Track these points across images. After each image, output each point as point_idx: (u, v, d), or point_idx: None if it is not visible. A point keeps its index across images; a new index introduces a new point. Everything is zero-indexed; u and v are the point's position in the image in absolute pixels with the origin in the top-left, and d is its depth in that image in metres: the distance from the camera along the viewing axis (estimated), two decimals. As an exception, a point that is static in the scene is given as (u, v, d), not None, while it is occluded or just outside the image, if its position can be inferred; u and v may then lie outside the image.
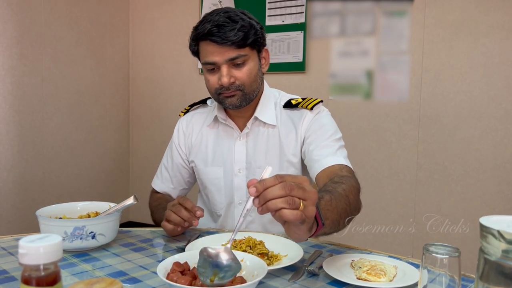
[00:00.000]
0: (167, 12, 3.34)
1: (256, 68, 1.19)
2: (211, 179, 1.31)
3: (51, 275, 0.49)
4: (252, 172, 1.26)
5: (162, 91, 3.40)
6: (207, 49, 1.14)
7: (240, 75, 1.15)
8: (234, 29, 1.11)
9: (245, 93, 1.18)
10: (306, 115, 1.25)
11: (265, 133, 1.27)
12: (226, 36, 1.10)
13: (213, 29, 1.11)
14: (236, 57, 1.13)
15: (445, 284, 0.63)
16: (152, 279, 0.87)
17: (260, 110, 1.25)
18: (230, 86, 1.15)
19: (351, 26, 2.63)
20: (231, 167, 1.28)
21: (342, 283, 0.85)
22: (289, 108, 1.28)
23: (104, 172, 3.34)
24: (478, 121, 2.40)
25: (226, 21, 1.11)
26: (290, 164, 1.26)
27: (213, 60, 1.14)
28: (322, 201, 0.83)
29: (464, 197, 2.45)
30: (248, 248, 0.97)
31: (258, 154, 1.26)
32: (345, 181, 0.99)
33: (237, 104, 1.18)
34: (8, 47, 2.62)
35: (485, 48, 2.36)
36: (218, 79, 1.16)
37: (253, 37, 1.15)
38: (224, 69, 1.14)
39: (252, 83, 1.18)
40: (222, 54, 1.12)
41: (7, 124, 2.65)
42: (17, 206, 2.73)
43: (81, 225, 0.98)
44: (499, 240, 0.52)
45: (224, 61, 1.13)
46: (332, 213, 0.84)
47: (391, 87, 2.59)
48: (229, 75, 1.14)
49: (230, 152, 1.28)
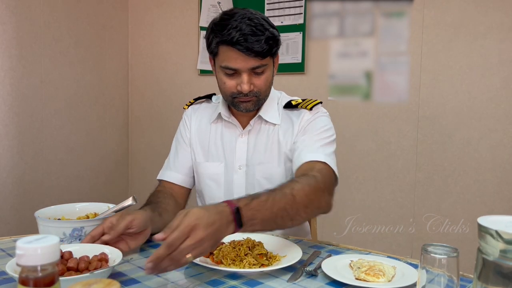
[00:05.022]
0: (166, 13, 3.34)
1: (272, 74, 1.23)
2: (210, 174, 1.32)
3: (48, 276, 0.49)
4: (252, 169, 1.28)
5: (161, 92, 3.40)
6: (230, 55, 1.15)
7: (258, 82, 1.19)
8: (260, 41, 1.13)
9: (259, 99, 1.22)
10: (305, 114, 1.28)
11: (267, 131, 1.30)
12: (252, 46, 1.12)
13: (240, 38, 1.12)
14: (258, 66, 1.16)
15: (443, 284, 0.63)
16: (151, 280, 0.87)
17: (265, 110, 1.29)
18: (249, 93, 1.18)
19: (350, 27, 2.64)
20: (232, 164, 1.30)
21: (340, 284, 0.85)
22: (289, 109, 1.31)
23: (103, 173, 3.34)
24: (477, 122, 2.40)
25: (252, 31, 1.13)
26: (287, 159, 1.28)
27: (235, 66, 1.16)
28: (254, 201, 0.89)
29: (463, 197, 2.45)
30: (247, 249, 0.97)
31: (258, 151, 1.29)
32: (302, 180, 1.01)
33: (252, 109, 1.23)
34: (7, 49, 2.62)
35: (484, 49, 2.36)
36: (236, 84, 1.18)
37: (275, 48, 1.19)
38: (246, 77, 1.16)
39: (267, 90, 1.24)
40: (245, 63, 1.15)
41: (6, 126, 2.65)
42: (16, 207, 2.73)
43: (80, 226, 0.98)
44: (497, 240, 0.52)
45: (246, 69, 1.16)
46: (263, 213, 0.89)
47: (390, 87, 2.59)
48: (249, 82, 1.17)
49: (231, 148, 1.30)
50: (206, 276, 0.90)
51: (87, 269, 0.83)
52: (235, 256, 0.95)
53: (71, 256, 0.86)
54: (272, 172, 1.27)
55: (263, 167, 1.28)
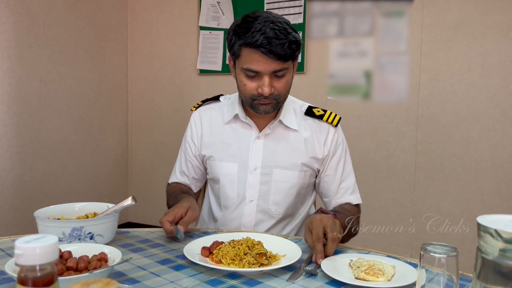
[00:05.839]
0: (165, 13, 3.34)
1: (291, 78, 1.24)
2: (224, 173, 1.33)
3: (47, 276, 0.49)
4: (267, 171, 1.29)
5: (161, 92, 3.39)
6: (253, 57, 1.16)
7: (279, 85, 1.20)
8: (283, 44, 1.14)
9: (278, 102, 1.23)
10: (330, 130, 1.33)
11: (287, 136, 1.31)
12: (275, 50, 1.13)
13: (264, 41, 1.13)
14: (280, 69, 1.17)
15: (443, 283, 0.63)
16: (151, 279, 0.87)
17: (284, 114, 1.30)
18: (269, 96, 1.19)
19: (350, 26, 2.64)
20: (247, 164, 1.30)
21: (340, 283, 0.85)
22: (311, 117, 1.33)
23: (102, 173, 3.34)
24: (476, 121, 2.40)
25: (276, 34, 1.14)
26: (309, 168, 1.31)
27: (257, 69, 1.17)
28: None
29: (462, 197, 2.45)
30: (246, 248, 0.97)
31: (280, 155, 1.30)
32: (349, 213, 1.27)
33: (271, 111, 1.24)
34: (6, 49, 2.62)
35: (483, 48, 2.36)
36: (257, 87, 1.19)
37: (297, 52, 1.20)
38: (267, 80, 1.17)
39: (287, 93, 1.25)
40: (268, 65, 1.16)
41: (5, 126, 2.65)
42: (16, 207, 2.73)
43: (79, 226, 0.98)
44: (496, 239, 0.52)
45: (268, 72, 1.17)
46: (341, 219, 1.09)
47: (389, 87, 2.59)
48: (270, 85, 1.18)
49: (247, 149, 1.31)
50: (205, 275, 0.90)
51: (86, 268, 0.83)
52: (235, 255, 0.95)
53: (70, 256, 0.86)
54: (290, 176, 1.30)
55: (282, 170, 1.29)
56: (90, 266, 0.83)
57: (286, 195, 1.30)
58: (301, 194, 1.34)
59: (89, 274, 0.79)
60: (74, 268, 0.83)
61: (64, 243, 0.96)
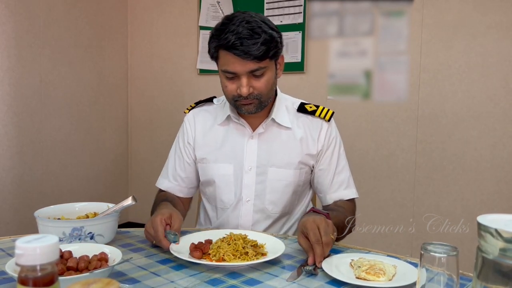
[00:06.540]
0: (165, 13, 3.34)
1: (273, 76, 1.23)
2: (220, 174, 1.32)
3: (48, 276, 0.49)
4: (262, 170, 1.28)
5: (161, 92, 3.39)
6: (228, 59, 1.16)
7: (258, 85, 1.19)
8: (256, 43, 1.12)
9: (261, 101, 1.22)
10: (323, 125, 1.32)
11: (281, 134, 1.30)
12: (248, 50, 1.12)
13: (236, 42, 1.12)
14: (257, 69, 1.16)
15: (443, 283, 0.63)
16: (151, 279, 0.87)
17: (276, 113, 1.29)
18: (249, 96, 1.18)
19: (350, 26, 2.64)
20: (242, 165, 1.30)
21: (341, 283, 0.85)
22: (304, 113, 1.33)
23: (103, 173, 3.34)
24: (476, 121, 2.40)
25: (249, 34, 1.12)
26: (304, 165, 1.31)
27: (233, 70, 1.16)
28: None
29: (462, 196, 2.45)
30: (242, 242, 0.99)
31: (275, 154, 1.29)
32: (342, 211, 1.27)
33: (253, 111, 1.23)
34: (6, 48, 2.62)
35: (483, 48, 2.36)
36: (237, 88, 1.19)
37: (274, 50, 1.17)
38: (244, 80, 1.16)
39: (269, 92, 1.23)
40: (243, 66, 1.15)
41: (5, 125, 2.65)
42: (16, 207, 2.73)
43: (80, 226, 0.98)
44: (496, 238, 0.52)
45: (245, 73, 1.16)
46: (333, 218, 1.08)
47: (389, 87, 2.59)
48: (249, 85, 1.17)
49: (241, 150, 1.30)
50: (205, 275, 0.90)
51: (86, 268, 0.83)
52: (235, 251, 0.95)
53: (70, 256, 0.86)
54: (286, 175, 1.29)
55: (277, 169, 1.29)
56: (91, 266, 0.83)
57: (282, 194, 1.30)
58: (298, 192, 1.33)
59: (90, 274, 0.79)
60: (75, 268, 0.83)
61: (65, 243, 0.96)
